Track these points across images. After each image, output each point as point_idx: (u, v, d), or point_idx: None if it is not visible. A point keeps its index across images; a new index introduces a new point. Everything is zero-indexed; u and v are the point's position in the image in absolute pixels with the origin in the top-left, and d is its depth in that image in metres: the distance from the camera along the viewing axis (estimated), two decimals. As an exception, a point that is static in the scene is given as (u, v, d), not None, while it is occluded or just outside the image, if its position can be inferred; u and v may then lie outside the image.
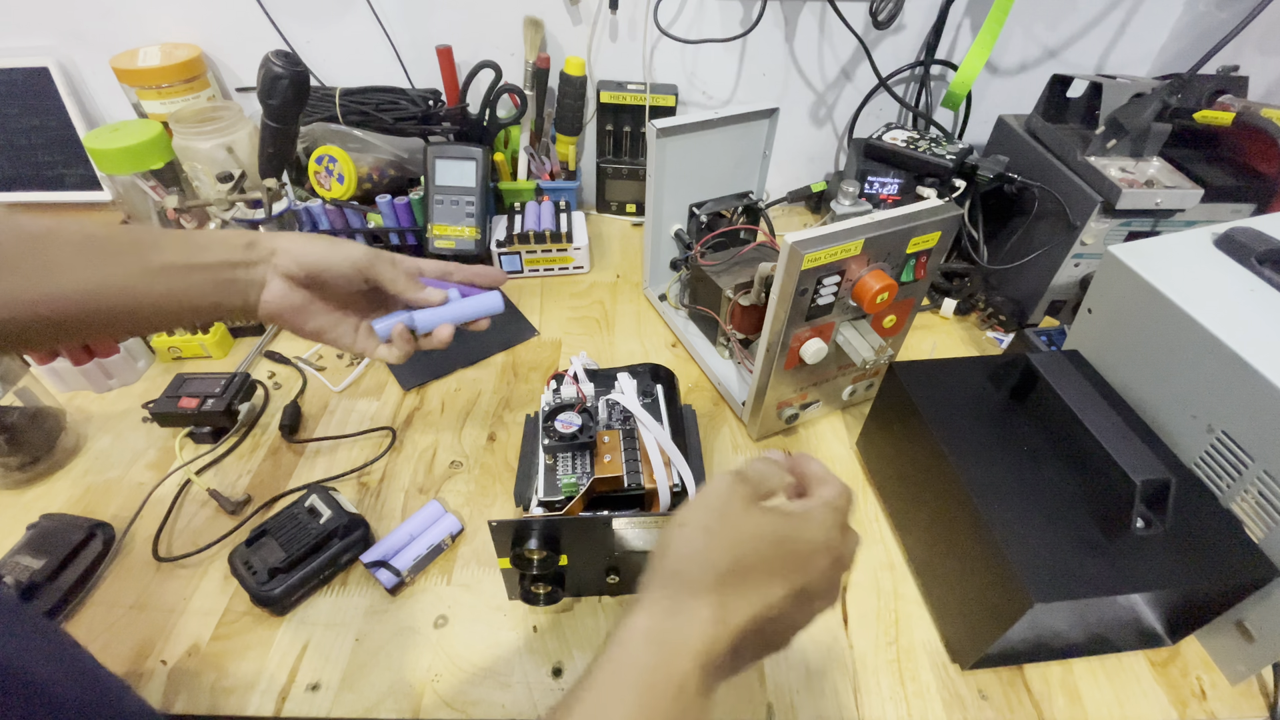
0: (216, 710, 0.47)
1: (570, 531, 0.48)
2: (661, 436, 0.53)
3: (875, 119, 1.01)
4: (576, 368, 0.60)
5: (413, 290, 0.50)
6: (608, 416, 0.57)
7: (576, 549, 0.49)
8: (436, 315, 0.51)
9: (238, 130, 0.83)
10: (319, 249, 0.46)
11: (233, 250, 0.44)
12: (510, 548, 0.48)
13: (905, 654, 0.51)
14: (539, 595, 0.51)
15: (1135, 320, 0.54)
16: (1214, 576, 0.43)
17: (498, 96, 0.83)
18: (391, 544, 0.55)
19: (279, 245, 0.46)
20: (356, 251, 0.48)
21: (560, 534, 0.48)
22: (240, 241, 0.45)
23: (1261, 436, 0.45)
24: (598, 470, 0.52)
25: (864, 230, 0.53)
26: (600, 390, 0.59)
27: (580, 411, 0.55)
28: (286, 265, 0.45)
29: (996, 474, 0.48)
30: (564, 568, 0.51)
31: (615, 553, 0.50)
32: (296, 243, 0.46)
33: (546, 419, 0.54)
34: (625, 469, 0.52)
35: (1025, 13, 0.90)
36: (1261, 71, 0.77)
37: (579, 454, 0.54)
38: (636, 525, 0.47)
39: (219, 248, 0.44)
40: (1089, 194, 0.69)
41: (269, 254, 0.45)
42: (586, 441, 0.53)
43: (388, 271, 0.49)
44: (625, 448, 0.54)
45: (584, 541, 0.49)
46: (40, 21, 0.91)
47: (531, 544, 0.47)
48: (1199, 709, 0.48)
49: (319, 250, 0.46)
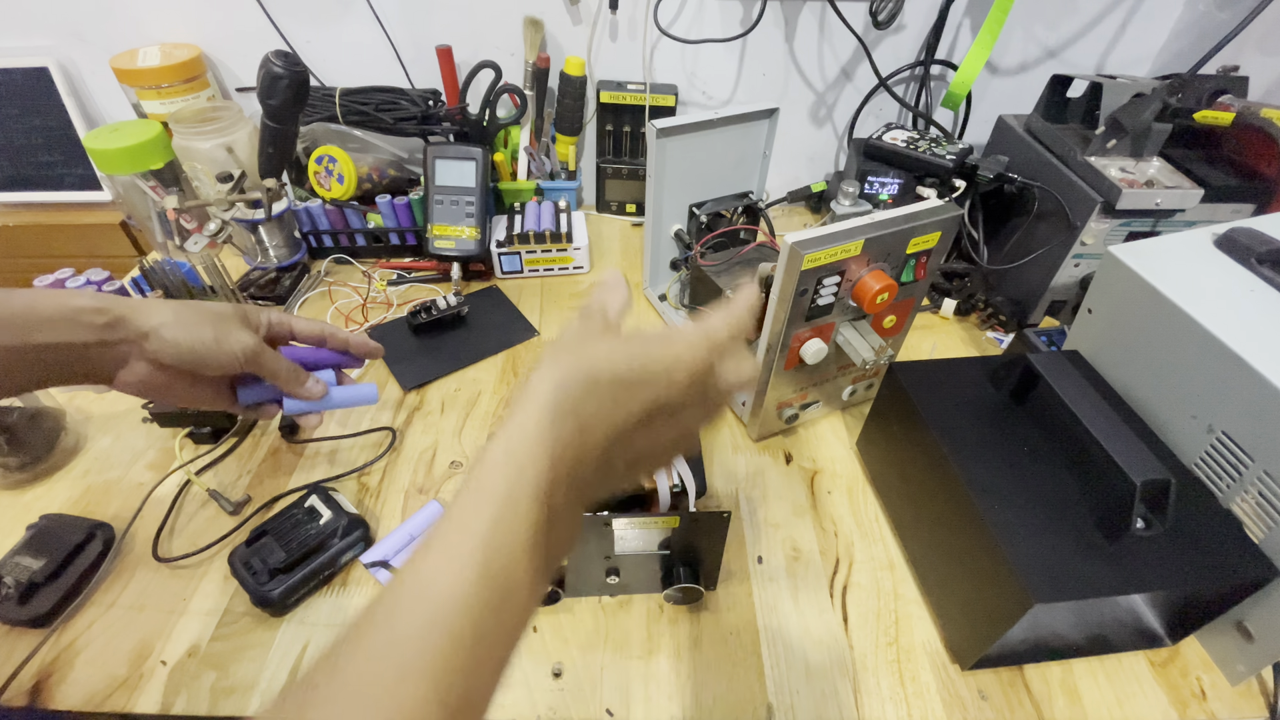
0: (216, 711, 0.47)
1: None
2: None
3: (875, 119, 1.01)
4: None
5: (294, 385, 0.47)
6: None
7: (576, 549, 0.49)
8: (307, 405, 0.48)
9: (238, 130, 0.83)
10: (203, 343, 0.42)
11: (84, 330, 0.38)
12: None
13: (905, 654, 0.51)
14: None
15: (1135, 320, 0.54)
16: (1214, 576, 0.43)
17: (498, 96, 0.83)
18: (391, 544, 0.55)
19: (153, 327, 0.40)
20: (241, 344, 0.43)
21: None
22: (98, 320, 0.39)
23: (1261, 436, 0.45)
24: None
25: (864, 230, 0.53)
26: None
27: None
28: (158, 351, 0.41)
29: (996, 474, 0.48)
30: (564, 568, 0.51)
31: (615, 553, 0.50)
32: (177, 331, 0.41)
33: None
34: None
35: (1025, 13, 0.90)
36: (1261, 71, 0.77)
37: None
38: (636, 526, 0.47)
39: (64, 326, 0.38)
40: (1089, 194, 0.69)
41: (138, 336, 0.40)
42: None
43: (272, 365, 0.45)
44: None
45: (584, 542, 0.49)
46: (40, 21, 0.91)
47: None
48: (1199, 709, 0.48)
49: (202, 344, 0.42)
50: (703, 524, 0.48)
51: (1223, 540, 0.45)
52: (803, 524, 0.60)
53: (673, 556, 0.51)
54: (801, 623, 0.53)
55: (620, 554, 0.50)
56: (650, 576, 0.53)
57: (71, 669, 0.49)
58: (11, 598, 0.50)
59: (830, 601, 0.55)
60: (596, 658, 0.51)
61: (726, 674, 0.50)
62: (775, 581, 0.56)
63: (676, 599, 0.53)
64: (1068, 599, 0.41)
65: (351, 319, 0.81)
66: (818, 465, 0.66)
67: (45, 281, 0.72)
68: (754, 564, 0.57)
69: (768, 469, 0.65)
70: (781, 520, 0.61)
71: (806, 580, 0.56)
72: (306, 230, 0.88)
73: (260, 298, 0.83)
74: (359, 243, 0.90)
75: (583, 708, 0.48)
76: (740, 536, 0.59)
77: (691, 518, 0.48)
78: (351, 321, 0.81)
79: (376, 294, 0.86)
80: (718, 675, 0.50)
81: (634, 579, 0.53)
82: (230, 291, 0.75)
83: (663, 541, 0.49)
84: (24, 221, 1.04)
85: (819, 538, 0.59)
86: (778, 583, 0.56)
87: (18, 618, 0.50)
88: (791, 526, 0.60)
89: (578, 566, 0.51)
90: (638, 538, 0.48)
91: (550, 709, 0.47)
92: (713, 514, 0.47)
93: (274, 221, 0.81)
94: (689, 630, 0.52)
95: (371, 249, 0.91)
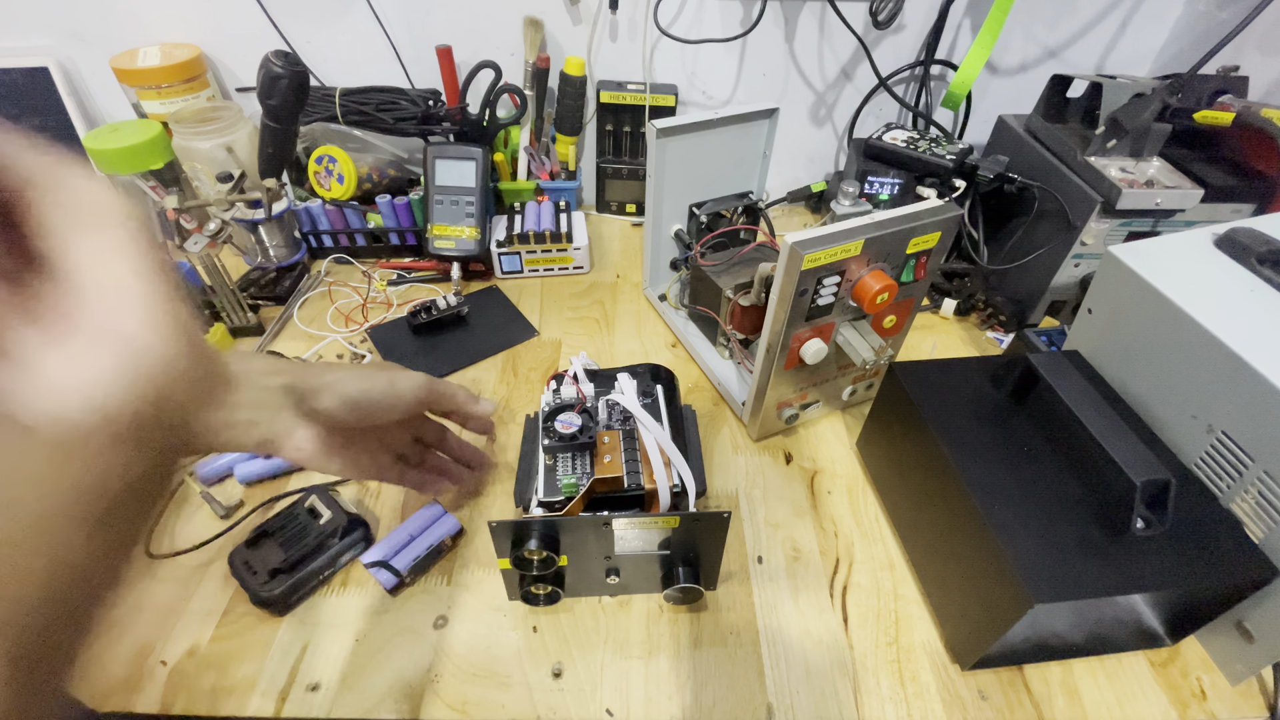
0: (216, 710, 0.47)
1: (570, 532, 0.48)
2: (661, 437, 0.53)
3: (875, 119, 1.01)
4: (576, 368, 0.60)
5: (472, 404, 0.53)
6: (608, 417, 0.57)
7: (576, 550, 0.49)
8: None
9: (237, 130, 0.83)
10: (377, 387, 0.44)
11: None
12: (510, 548, 0.48)
13: (905, 654, 0.51)
14: (539, 596, 0.51)
15: (1135, 320, 0.54)
16: (1214, 576, 0.43)
17: (498, 96, 0.83)
18: (391, 544, 0.55)
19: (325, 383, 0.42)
20: (414, 380, 0.47)
21: (560, 534, 0.48)
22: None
23: (1261, 436, 0.45)
24: (597, 471, 0.52)
25: (864, 230, 0.53)
26: (600, 390, 0.59)
27: (580, 412, 0.55)
28: (331, 408, 0.42)
29: (996, 474, 0.48)
30: (564, 568, 0.51)
31: (615, 553, 0.50)
32: (348, 383, 0.43)
33: (546, 419, 0.54)
34: (625, 469, 0.52)
35: (1025, 13, 0.90)
36: (1261, 71, 0.77)
37: (579, 454, 0.54)
38: (637, 526, 0.47)
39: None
40: (1089, 194, 0.69)
41: (309, 393, 0.42)
42: (586, 442, 0.53)
43: (447, 389, 0.50)
44: (625, 448, 0.54)
45: (584, 542, 0.49)
46: (40, 21, 0.91)
47: (531, 544, 0.47)
48: (1199, 709, 0.48)
49: (376, 389, 0.45)
50: (703, 524, 0.48)
51: (1223, 540, 0.45)
52: (803, 524, 0.60)
53: (673, 556, 0.51)
54: (801, 623, 0.53)
55: (620, 554, 0.50)
56: (650, 576, 0.53)
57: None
58: (11, 598, 0.50)
59: (830, 601, 0.55)
60: (596, 658, 0.51)
61: (726, 674, 0.50)
62: (775, 581, 0.56)
63: (677, 599, 0.53)
64: (1068, 599, 0.41)
65: (351, 319, 0.81)
66: (818, 465, 0.66)
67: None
68: (754, 564, 0.57)
69: (768, 469, 0.65)
70: (781, 520, 0.61)
71: (806, 580, 0.56)
72: (306, 230, 0.88)
73: (260, 298, 0.83)
74: (359, 243, 0.90)
75: (583, 708, 0.48)
76: (740, 536, 0.59)
77: (691, 518, 0.48)
78: (351, 321, 0.81)
79: (376, 294, 0.86)
80: (718, 675, 0.50)
81: (634, 579, 0.53)
82: (230, 291, 0.75)
83: (662, 541, 0.49)
84: (24, 221, 1.04)
85: (819, 538, 0.59)
86: (778, 583, 0.56)
87: (18, 618, 0.50)
88: (791, 526, 0.60)
89: (578, 567, 0.51)
90: (637, 538, 0.48)
91: (550, 709, 0.47)
92: (712, 514, 0.47)
93: (274, 221, 0.81)
94: (689, 630, 0.52)
95: (371, 249, 0.91)
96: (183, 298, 0.21)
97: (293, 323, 0.81)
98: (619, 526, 0.47)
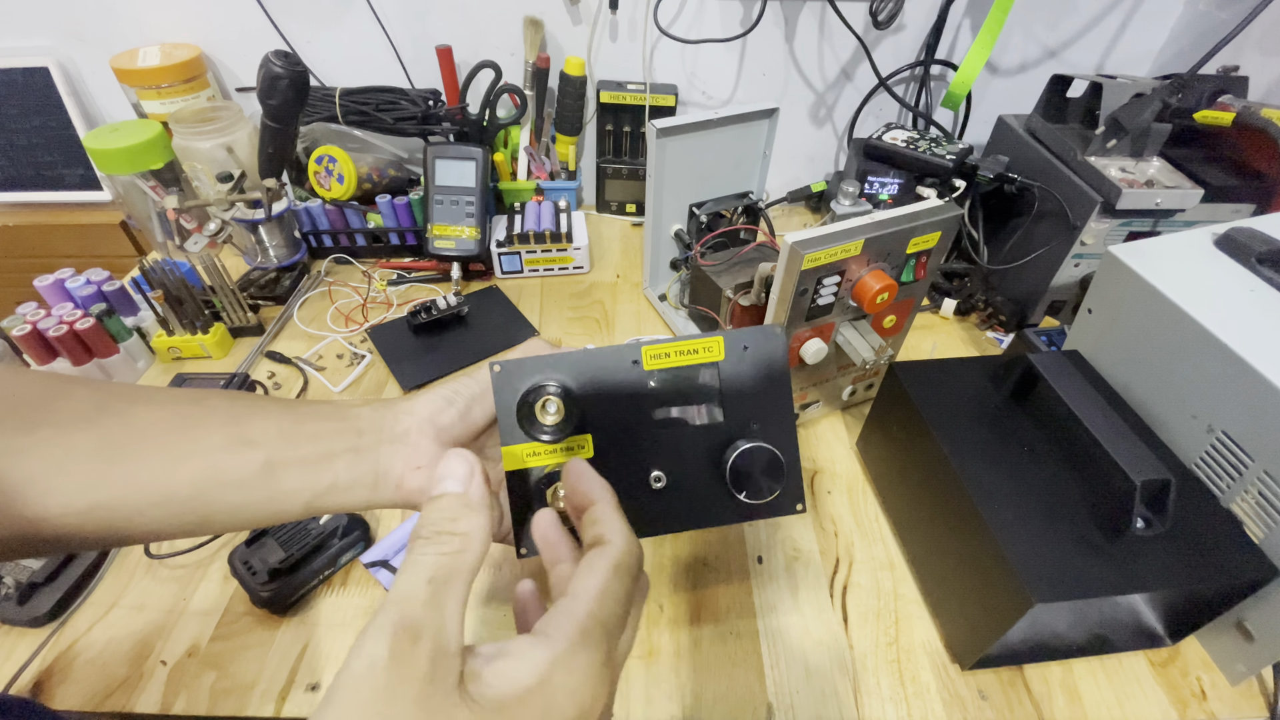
0: (216, 711, 0.47)
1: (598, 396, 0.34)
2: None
3: (875, 119, 1.01)
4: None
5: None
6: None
7: (605, 418, 0.35)
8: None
9: (238, 130, 0.83)
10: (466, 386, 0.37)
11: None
12: (519, 417, 0.34)
13: (905, 654, 0.51)
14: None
15: (1135, 320, 0.54)
16: (1214, 576, 0.43)
17: (498, 96, 0.83)
18: (391, 544, 0.55)
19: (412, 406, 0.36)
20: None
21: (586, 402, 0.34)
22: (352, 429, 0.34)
23: (1261, 436, 0.45)
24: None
25: (864, 230, 0.53)
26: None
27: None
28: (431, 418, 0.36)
29: (996, 474, 0.48)
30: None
31: (657, 418, 0.35)
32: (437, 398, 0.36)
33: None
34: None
35: (1025, 13, 0.90)
36: (1261, 71, 0.77)
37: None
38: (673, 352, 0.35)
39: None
40: (1089, 194, 0.69)
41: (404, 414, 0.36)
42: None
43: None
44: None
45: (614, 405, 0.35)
46: (40, 21, 0.91)
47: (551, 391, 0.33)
48: (1199, 709, 0.48)
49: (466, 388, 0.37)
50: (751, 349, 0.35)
51: (1223, 540, 0.45)
52: (803, 524, 0.60)
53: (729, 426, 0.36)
54: (801, 623, 0.53)
55: (661, 419, 0.36)
56: (706, 484, 0.36)
57: (71, 669, 0.49)
58: (11, 598, 0.50)
59: (830, 601, 0.55)
60: (596, 658, 0.51)
61: (726, 674, 0.50)
62: (775, 581, 0.56)
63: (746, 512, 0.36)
64: (1068, 599, 0.41)
65: (351, 319, 0.81)
66: (818, 465, 0.66)
67: (45, 282, 0.72)
68: (754, 564, 0.57)
69: (768, 469, 0.65)
70: (781, 520, 0.61)
71: (806, 580, 0.56)
72: (306, 230, 0.88)
73: (260, 297, 0.83)
74: (359, 243, 0.90)
75: (583, 708, 0.48)
76: (740, 536, 0.59)
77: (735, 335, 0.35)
78: (351, 321, 0.81)
79: (376, 294, 0.86)
80: (718, 675, 0.50)
81: (684, 480, 0.36)
82: (230, 291, 0.75)
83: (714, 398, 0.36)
84: (24, 221, 1.04)
85: (819, 538, 0.59)
86: (778, 583, 0.56)
87: (18, 618, 0.50)
88: (791, 526, 0.60)
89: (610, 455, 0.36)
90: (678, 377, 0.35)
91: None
92: (764, 328, 0.36)
93: (274, 221, 0.81)
94: (689, 630, 0.52)
95: (371, 249, 0.91)
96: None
97: (293, 322, 0.81)
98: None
